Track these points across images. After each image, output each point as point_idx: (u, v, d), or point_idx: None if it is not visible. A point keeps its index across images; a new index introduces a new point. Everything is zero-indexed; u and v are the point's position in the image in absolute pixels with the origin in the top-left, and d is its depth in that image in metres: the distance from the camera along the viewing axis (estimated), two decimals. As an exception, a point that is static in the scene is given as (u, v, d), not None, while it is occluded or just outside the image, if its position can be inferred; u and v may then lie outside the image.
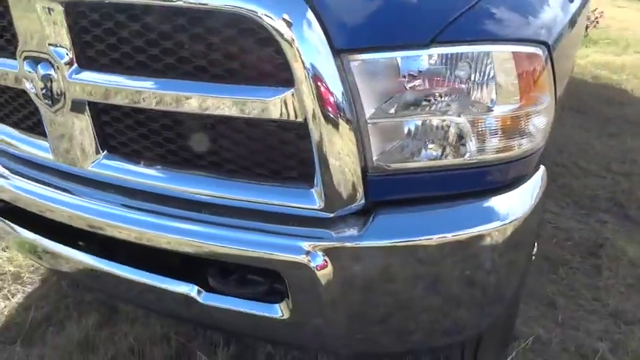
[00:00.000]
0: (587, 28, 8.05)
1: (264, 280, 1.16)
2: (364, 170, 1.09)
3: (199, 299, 1.20)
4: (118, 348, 1.85)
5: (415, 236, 1.11)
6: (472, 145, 1.12)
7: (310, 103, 1.00)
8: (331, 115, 1.01)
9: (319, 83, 0.99)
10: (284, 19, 0.97)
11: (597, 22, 8.07)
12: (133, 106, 1.15)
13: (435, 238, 1.12)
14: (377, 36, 1.01)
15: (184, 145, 1.17)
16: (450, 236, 1.13)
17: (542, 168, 1.35)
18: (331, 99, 1.00)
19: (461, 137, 1.11)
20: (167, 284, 1.23)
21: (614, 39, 8.09)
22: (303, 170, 1.11)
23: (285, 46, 0.98)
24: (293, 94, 1.01)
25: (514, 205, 1.21)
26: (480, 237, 1.15)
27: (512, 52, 1.09)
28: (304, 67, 0.97)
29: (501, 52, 1.08)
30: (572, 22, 1.63)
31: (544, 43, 1.15)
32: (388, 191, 1.13)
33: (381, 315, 1.17)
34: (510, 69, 1.10)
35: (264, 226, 1.13)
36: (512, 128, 1.16)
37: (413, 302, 1.19)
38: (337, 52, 0.99)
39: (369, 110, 1.05)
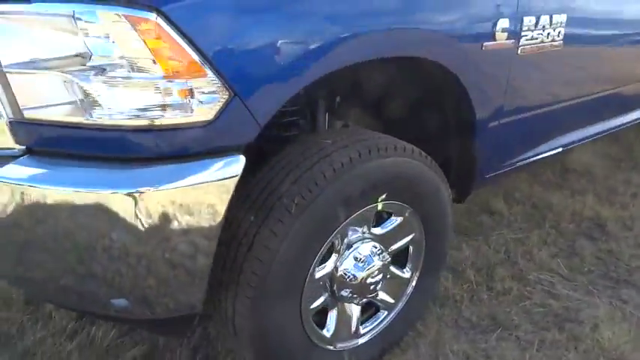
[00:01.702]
0: None
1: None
2: (9, 116, 1.19)
3: None
4: None
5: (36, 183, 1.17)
6: (105, 107, 1.13)
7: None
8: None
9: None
10: None
11: None
12: None
13: (59, 191, 1.16)
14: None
15: None
16: (63, 191, 1.15)
17: (239, 157, 1.24)
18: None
19: (91, 97, 1.13)
20: None
21: None
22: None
23: None
24: None
25: (152, 177, 1.16)
26: (100, 199, 1.14)
27: (121, 15, 1.07)
28: None
29: (108, 13, 1.07)
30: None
31: (156, 9, 1.07)
32: (36, 141, 1.20)
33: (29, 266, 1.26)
34: (128, 33, 1.08)
35: None
36: (153, 96, 1.13)
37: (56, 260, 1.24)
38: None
39: (4, 60, 1.15)
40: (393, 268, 1.80)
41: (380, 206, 1.62)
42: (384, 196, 1.59)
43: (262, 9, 1.20)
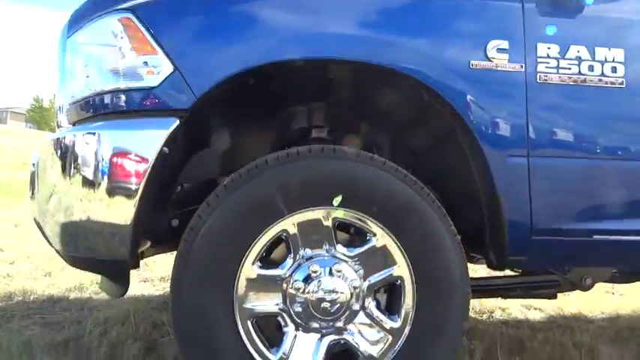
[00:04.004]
0: None
1: None
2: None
3: None
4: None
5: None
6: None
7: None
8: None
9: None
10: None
11: None
12: None
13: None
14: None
15: None
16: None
17: (174, 119, 1.48)
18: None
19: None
20: None
21: None
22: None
23: None
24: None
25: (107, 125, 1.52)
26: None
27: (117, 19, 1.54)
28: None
29: (112, 17, 1.56)
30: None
31: (130, 10, 1.51)
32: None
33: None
34: (121, 27, 1.54)
35: None
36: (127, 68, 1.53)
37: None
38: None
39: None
40: (371, 307, 1.55)
41: (340, 214, 1.53)
42: (339, 198, 1.51)
43: (199, 13, 1.54)
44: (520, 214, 1.61)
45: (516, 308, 3.27)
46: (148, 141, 1.47)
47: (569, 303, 3.40)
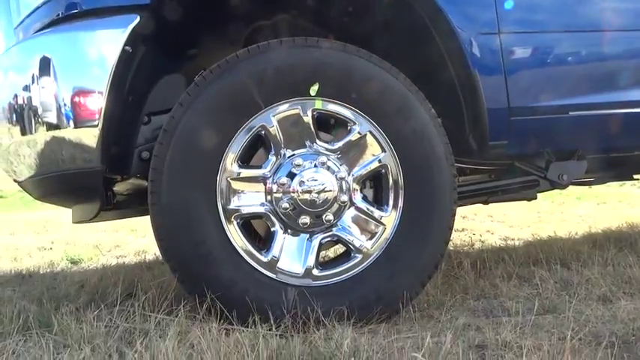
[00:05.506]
0: None
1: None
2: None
3: None
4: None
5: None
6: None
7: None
8: None
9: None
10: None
11: None
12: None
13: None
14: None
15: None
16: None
17: (135, 16, 1.40)
18: None
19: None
20: None
21: None
22: None
23: None
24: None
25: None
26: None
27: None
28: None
29: None
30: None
31: None
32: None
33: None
34: None
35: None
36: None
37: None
38: None
39: None
40: (360, 200, 1.52)
41: (319, 104, 1.48)
42: (316, 87, 1.46)
43: None
44: (497, 95, 1.60)
45: (494, 240, 3.33)
46: (108, 40, 1.39)
47: (545, 231, 3.48)
